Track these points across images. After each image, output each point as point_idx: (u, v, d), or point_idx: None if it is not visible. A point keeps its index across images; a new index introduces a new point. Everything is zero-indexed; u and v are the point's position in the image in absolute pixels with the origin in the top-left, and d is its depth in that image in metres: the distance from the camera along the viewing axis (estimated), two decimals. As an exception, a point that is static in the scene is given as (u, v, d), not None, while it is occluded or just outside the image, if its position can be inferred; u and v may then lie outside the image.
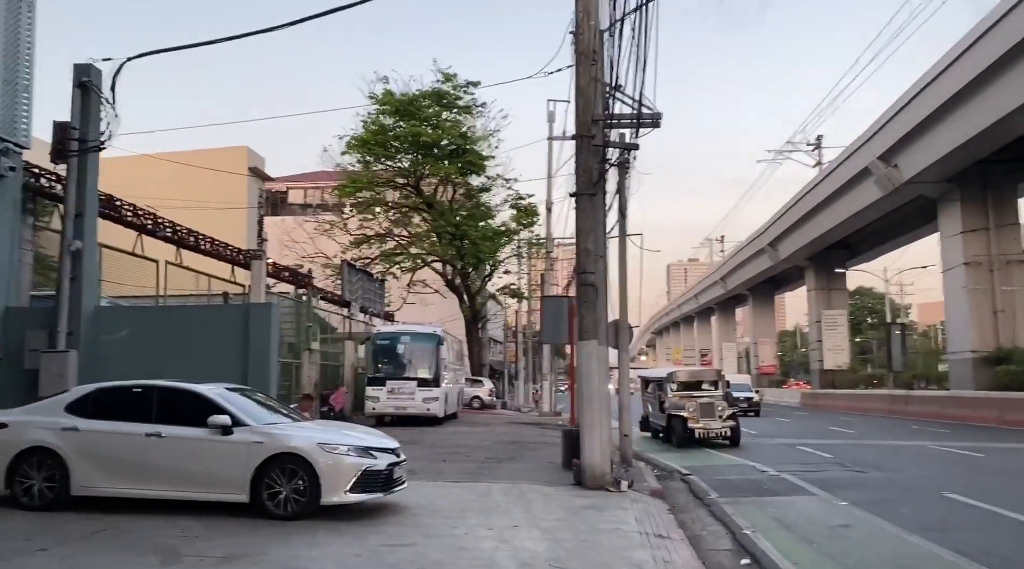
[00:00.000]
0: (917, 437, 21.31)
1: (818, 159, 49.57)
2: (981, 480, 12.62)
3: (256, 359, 11.30)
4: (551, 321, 14.45)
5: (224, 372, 10.56)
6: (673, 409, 18.96)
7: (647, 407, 22.05)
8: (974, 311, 27.86)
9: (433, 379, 24.29)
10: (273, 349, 11.65)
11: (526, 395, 49.32)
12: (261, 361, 11.40)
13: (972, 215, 28.16)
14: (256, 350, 11.31)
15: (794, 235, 44.85)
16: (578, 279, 11.43)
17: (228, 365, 11.09)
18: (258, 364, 11.33)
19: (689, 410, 18.43)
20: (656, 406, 20.75)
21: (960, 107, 25.54)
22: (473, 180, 36.69)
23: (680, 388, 19.74)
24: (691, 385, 20.09)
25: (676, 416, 18.75)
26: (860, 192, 32.96)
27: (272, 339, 11.60)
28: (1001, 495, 10.72)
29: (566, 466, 13.01)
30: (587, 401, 11.04)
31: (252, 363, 11.23)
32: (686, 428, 18.26)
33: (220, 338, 11.40)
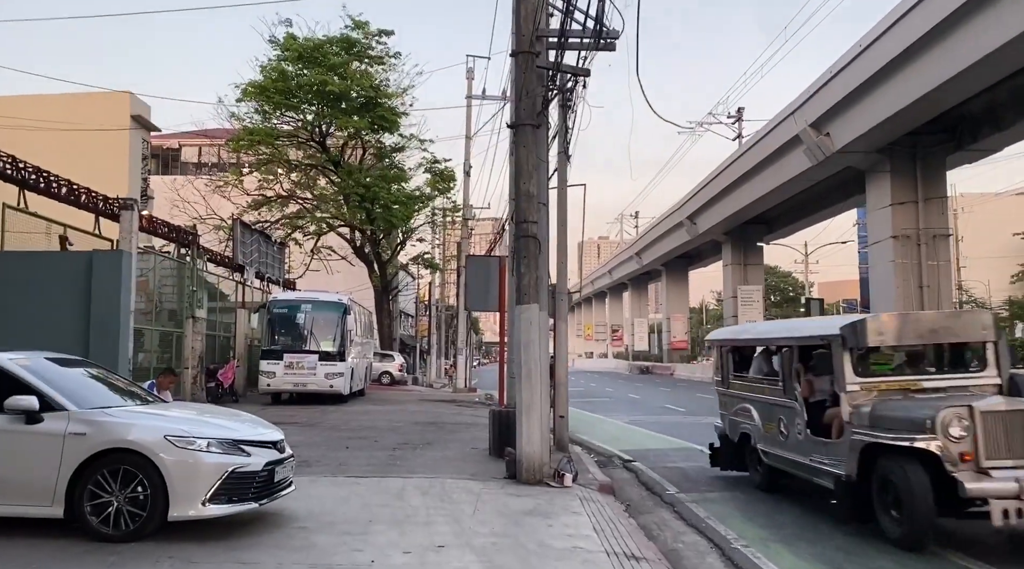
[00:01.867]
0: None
1: (739, 132, 48.94)
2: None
3: (101, 323, 8.76)
4: (478, 284, 12.38)
5: (58, 338, 8.09)
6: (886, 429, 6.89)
7: (735, 418, 9.76)
8: (900, 286, 27.35)
9: (337, 352, 21.86)
10: (125, 310, 9.14)
11: (439, 371, 47.20)
12: (107, 325, 8.87)
13: (901, 187, 27.59)
14: (101, 311, 8.78)
15: (714, 208, 44.06)
16: (517, 229, 9.34)
17: (64, 329, 8.57)
18: (103, 329, 8.80)
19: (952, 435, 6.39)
20: (784, 419, 8.57)
21: (894, 75, 24.66)
22: (386, 139, 34.03)
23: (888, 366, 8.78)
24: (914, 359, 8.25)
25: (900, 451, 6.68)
26: (787, 162, 32.12)
27: (123, 297, 9.09)
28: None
29: (495, 454, 11.01)
30: (526, 378, 9.02)
31: (95, 328, 8.71)
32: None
33: (53, 295, 8.82)
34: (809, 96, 28.85)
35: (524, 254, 9.19)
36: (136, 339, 19.74)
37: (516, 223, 9.33)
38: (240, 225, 26.37)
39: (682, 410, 22.42)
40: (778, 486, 8.87)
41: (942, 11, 22.26)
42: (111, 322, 8.84)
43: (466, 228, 35.37)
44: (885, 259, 28.16)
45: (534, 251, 9.23)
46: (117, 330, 8.91)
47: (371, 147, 34.27)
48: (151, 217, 19.27)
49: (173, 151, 57.32)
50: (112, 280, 8.93)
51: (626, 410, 22.56)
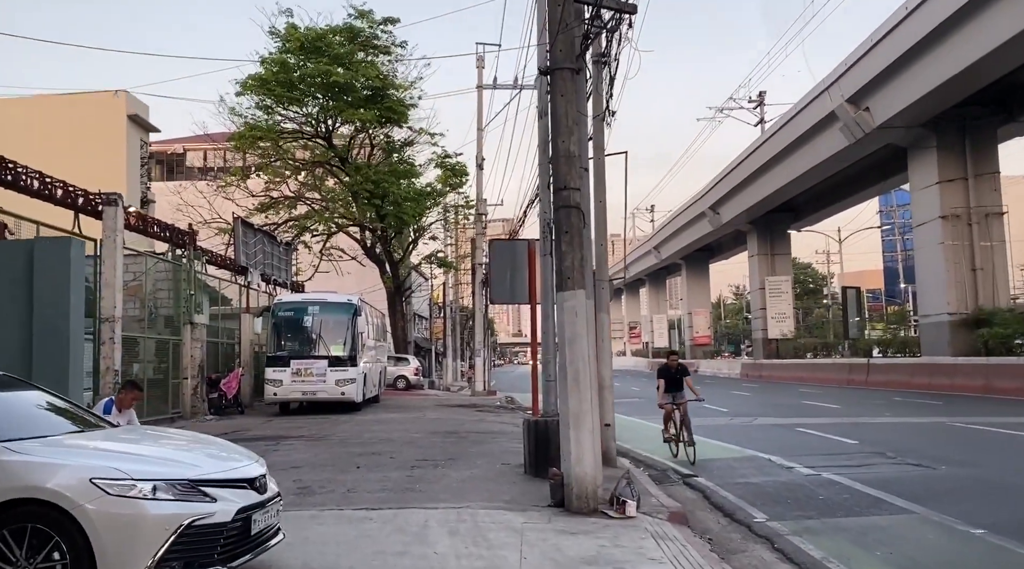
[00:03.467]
0: (917, 412, 18.48)
1: (761, 117, 46.98)
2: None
3: (47, 327, 7.10)
4: (503, 272, 10.64)
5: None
6: None
7: None
8: (951, 269, 25.42)
9: (348, 357, 20.19)
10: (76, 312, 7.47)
11: (455, 374, 45.54)
12: (54, 330, 7.20)
13: (949, 164, 25.67)
14: (47, 313, 7.11)
15: (739, 196, 42.15)
16: (555, 198, 7.58)
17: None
18: (50, 335, 7.13)
19: None
20: None
21: (943, 41, 22.80)
22: (394, 133, 32.42)
23: None
24: None
25: None
26: (820, 143, 30.22)
27: (74, 297, 7.40)
28: None
29: (531, 471, 9.29)
30: (572, 381, 7.27)
31: (40, 334, 7.04)
32: None
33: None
34: (847, 68, 26.95)
35: (565, 229, 7.44)
36: (129, 349, 18.22)
37: (554, 191, 7.58)
38: (242, 225, 24.75)
39: (724, 410, 20.55)
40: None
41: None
42: (59, 326, 7.19)
43: (480, 223, 33.62)
44: (933, 241, 26.22)
45: (577, 224, 7.48)
46: (67, 336, 7.25)
47: (379, 142, 32.68)
48: (140, 214, 17.66)
49: (178, 156, 56.01)
50: (59, 274, 7.28)
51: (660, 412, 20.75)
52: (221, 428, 16.62)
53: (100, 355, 14.21)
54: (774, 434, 14.52)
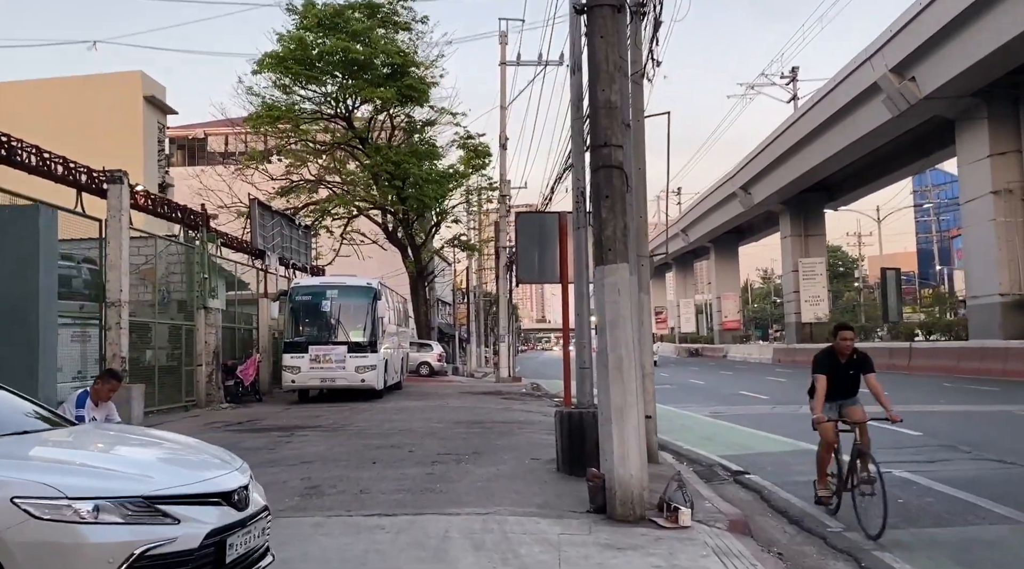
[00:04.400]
0: (974, 399, 17.26)
1: (794, 93, 45.37)
2: None
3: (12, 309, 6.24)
4: (530, 248, 9.65)
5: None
6: None
7: None
8: (1004, 248, 24.01)
9: (369, 343, 19.34)
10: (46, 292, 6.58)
11: (479, 360, 44.71)
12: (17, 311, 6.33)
13: (1001, 135, 24.19)
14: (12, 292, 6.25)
15: (772, 175, 40.68)
16: (593, 158, 6.56)
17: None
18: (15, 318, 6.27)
19: None
20: None
21: (995, 6, 21.32)
22: (415, 113, 31.44)
23: None
24: None
25: None
26: (860, 117, 28.77)
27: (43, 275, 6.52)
28: None
29: (564, 469, 8.33)
30: (614, 369, 6.28)
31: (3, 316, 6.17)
32: None
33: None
34: (892, 36, 25.47)
35: (606, 192, 6.42)
36: (142, 335, 17.52)
37: (592, 149, 6.55)
38: (259, 206, 23.97)
39: (764, 398, 19.48)
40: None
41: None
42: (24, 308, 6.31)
43: (503, 205, 32.59)
44: (984, 218, 24.80)
45: (619, 187, 6.45)
46: (35, 320, 6.37)
47: (400, 122, 31.73)
48: (148, 193, 16.86)
49: (199, 141, 55.49)
50: (25, 248, 6.40)
51: (697, 399, 19.69)
52: (236, 417, 15.87)
53: (106, 341, 13.47)
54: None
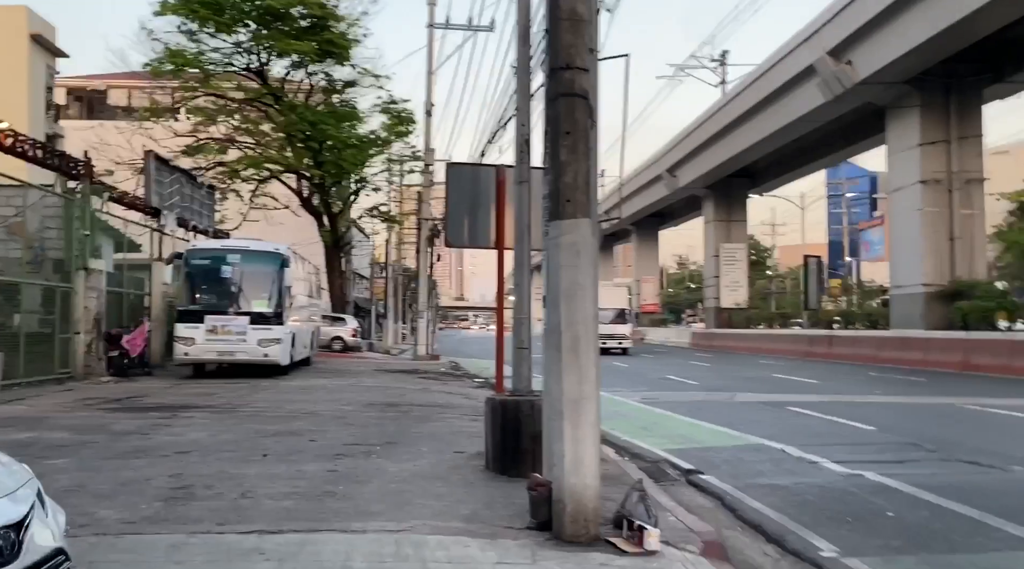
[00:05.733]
0: (907, 390, 16.87)
1: (722, 77, 45.08)
2: None
3: None
4: (462, 208, 8.25)
5: None
6: None
7: None
8: (929, 238, 24.00)
9: (274, 314, 17.60)
10: None
11: (396, 336, 43.04)
12: None
13: (932, 125, 24.09)
14: None
15: (698, 158, 40.32)
16: (553, 82, 5.20)
17: None
18: None
19: None
20: None
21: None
22: (336, 73, 29.37)
23: None
24: None
25: None
26: (794, 100, 28.39)
27: None
28: None
29: (495, 467, 7.04)
30: (569, 351, 4.99)
31: None
32: None
33: None
34: (831, 16, 25.03)
35: (567, 128, 5.09)
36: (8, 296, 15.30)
37: (552, 72, 5.19)
38: (155, 160, 21.67)
39: (694, 383, 18.70)
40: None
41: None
42: None
43: (428, 175, 30.97)
44: (911, 208, 24.75)
45: (584, 123, 5.13)
46: None
47: (319, 81, 29.60)
48: (17, 135, 14.58)
49: (99, 94, 51.32)
50: None
51: (623, 383, 18.65)
52: (116, 392, 13.98)
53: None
54: (766, 415, 12.56)
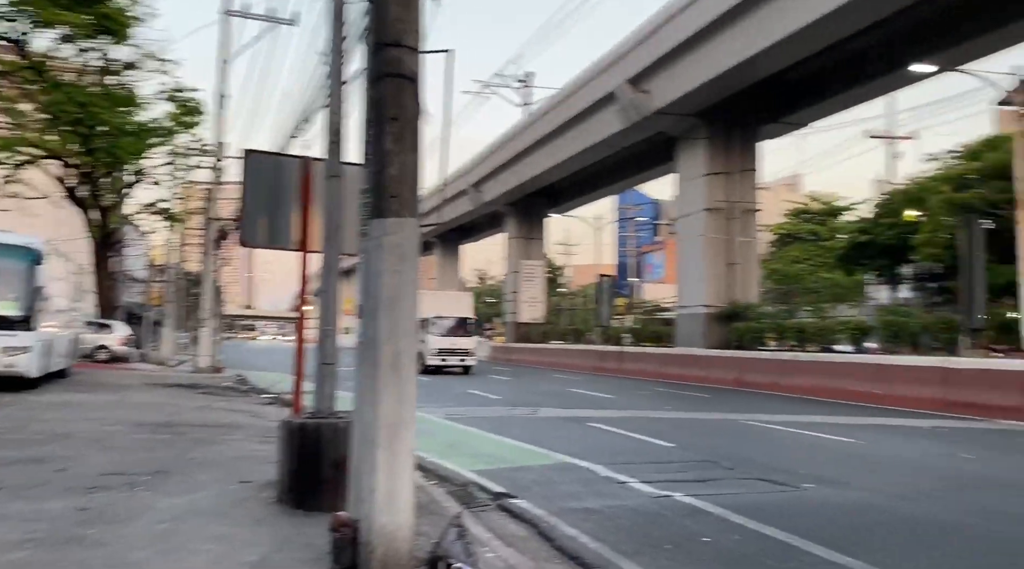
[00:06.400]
0: (695, 406, 17.68)
1: (526, 98, 46.23)
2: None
3: None
4: (261, 203, 7.30)
5: None
6: None
7: None
8: (711, 262, 25.76)
9: (22, 318, 15.14)
10: None
11: (174, 346, 39.45)
12: None
13: (716, 157, 25.95)
14: None
15: (503, 175, 40.91)
16: (377, 60, 4.51)
17: None
18: None
19: None
20: None
21: (723, 31, 22.65)
22: (114, 51, 26.38)
23: None
24: None
25: None
26: (595, 124, 29.47)
27: None
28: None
29: (291, 501, 6.12)
30: (389, 367, 4.33)
31: None
32: None
33: None
34: (632, 47, 26.23)
35: (393, 113, 4.43)
36: None
37: (377, 49, 4.50)
38: None
39: (497, 398, 18.50)
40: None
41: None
42: None
43: (217, 171, 28.67)
44: (696, 233, 26.45)
45: (413, 110, 4.50)
46: None
47: (93, 59, 26.46)
48: None
49: None
50: None
51: (426, 398, 18.04)
52: None
53: None
54: (570, 431, 12.50)
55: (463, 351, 28.03)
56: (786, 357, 21.57)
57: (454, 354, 27.73)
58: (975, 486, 8.30)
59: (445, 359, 27.44)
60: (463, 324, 28.53)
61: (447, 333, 27.72)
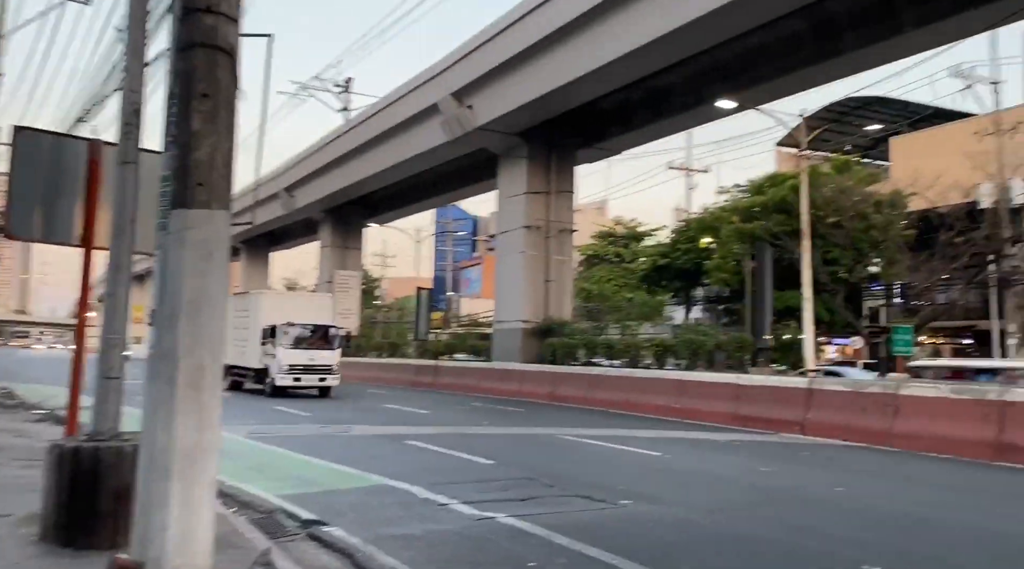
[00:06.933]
0: (511, 420, 17.70)
1: (345, 104, 44.98)
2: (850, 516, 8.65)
3: None
4: (36, 189, 6.30)
5: None
6: None
7: None
8: (528, 279, 26.16)
9: None
10: None
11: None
12: None
13: (536, 176, 26.47)
14: None
15: (319, 181, 39.44)
16: (186, 28, 3.89)
17: None
18: None
19: None
20: None
21: (544, 55, 23.14)
22: None
23: None
24: None
25: None
26: (418, 135, 29.08)
27: None
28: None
29: (59, 538, 5.19)
30: (187, 385, 3.71)
31: None
32: None
33: None
34: (456, 60, 26.21)
35: (204, 88, 3.83)
36: None
37: (186, 12, 3.87)
38: None
39: (306, 414, 17.50)
40: None
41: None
42: None
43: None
44: (515, 250, 26.79)
45: (228, 85, 3.93)
46: None
47: None
48: None
49: None
50: None
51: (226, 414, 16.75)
52: None
53: None
54: (386, 450, 11.98)
55: (323, 368, 22.64)
56: (596, 372, 22.26)
57: (311, 371, 22.41)
58: (781, 500, 8.74)
59: (299, 378, 22.23)
60: (324, 334, 23.18)
61: (302, 345, 22.44)
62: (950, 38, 19.16)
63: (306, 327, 22.73)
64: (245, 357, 24.05)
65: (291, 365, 22.18)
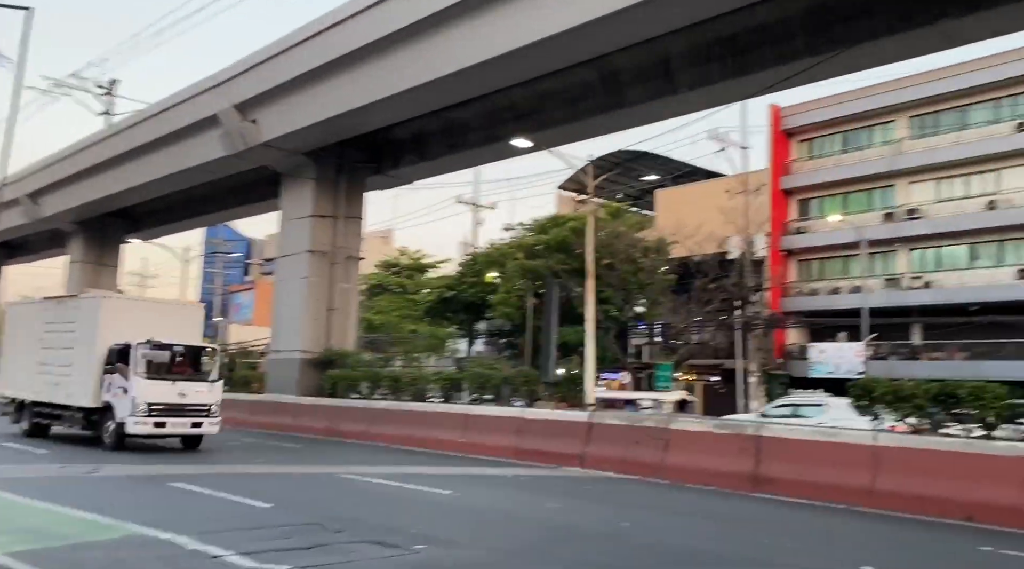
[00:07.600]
0: (288, 458, 16.46)
1: (107, 109, 40.80)
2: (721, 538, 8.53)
3: None
4: None
5: None
6: None
7: None
8: (311, 306, 24.81)
9: None
10: None
11: None
12: None
13: (324, 199, 25.28)
14: None
15: (70, 189, 35.12)
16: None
17: None
18: None
19: None
20: None
21: (337, 76, 22.31)
22: None
23: None
24: None
25: None
26: (194, 146, 26.67)
27: None
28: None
29: None
30: None
31: None
32: None
33: None
34: (243, 70, 24.60)
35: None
36: None
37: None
38: None
39: (42, 452, 15.15)
40: None
41: (394, 22, 20.79)
42: None
43: None
44: (297, 275, 25.48)
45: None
46: None
47: None
48: None
49: None
50: None
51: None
52: None
53: None
54: (145, 494, 10.57)
55: (197, 408, 16.18)
56: (380, 406, 21.52)
57: (180, 413, 15.97)
58: (575, 538, 8.70)
59: (162, 423, 15.80)
60: (195, 358, 17.21)
61: (166, 374, 16.16)
62: (720, 102, 21.08)
63: (172, 348, 16.27)
64: (61, 390, 17.34)
65: (150, 404, 15.59)
